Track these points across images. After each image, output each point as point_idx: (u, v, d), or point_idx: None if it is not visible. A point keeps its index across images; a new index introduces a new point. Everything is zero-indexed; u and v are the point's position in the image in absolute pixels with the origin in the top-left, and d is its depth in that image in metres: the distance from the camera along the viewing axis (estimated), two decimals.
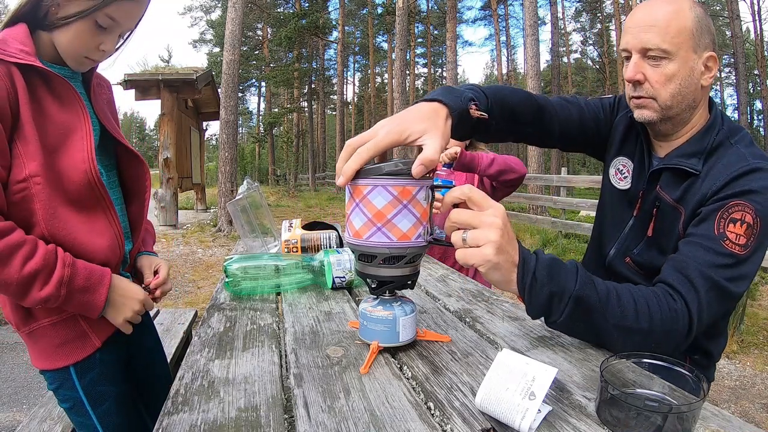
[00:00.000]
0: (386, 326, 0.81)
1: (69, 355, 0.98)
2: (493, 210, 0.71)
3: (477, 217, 0.71)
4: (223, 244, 7.36)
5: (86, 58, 0.98)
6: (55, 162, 0.93)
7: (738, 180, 0.91)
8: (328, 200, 15.94)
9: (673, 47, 0.94)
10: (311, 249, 1.52)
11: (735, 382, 2.78)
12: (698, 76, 0.98)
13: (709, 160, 0.98)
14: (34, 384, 2.72)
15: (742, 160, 0.93)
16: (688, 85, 0.97)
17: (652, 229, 1.04)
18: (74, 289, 0.89)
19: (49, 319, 0.96)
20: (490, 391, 0.61)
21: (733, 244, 0.86)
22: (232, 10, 8.69)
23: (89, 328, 0.99)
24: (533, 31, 10.12)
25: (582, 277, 0.77)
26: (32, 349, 0.99)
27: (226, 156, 8.59)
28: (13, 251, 0.82)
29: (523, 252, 0.74)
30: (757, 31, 21.41)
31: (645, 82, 0.98)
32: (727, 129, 1.01)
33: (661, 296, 0.83)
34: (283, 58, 26.51)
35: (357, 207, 0.78)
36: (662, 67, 0.96)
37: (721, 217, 0.88)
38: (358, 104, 40.50)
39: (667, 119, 1.01)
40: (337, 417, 0.62)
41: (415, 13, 22.85)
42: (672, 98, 0.97)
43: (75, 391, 0.99)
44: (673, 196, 1.00)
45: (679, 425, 0.56)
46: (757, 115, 28.84)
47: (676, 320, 0.82)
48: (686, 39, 0.94)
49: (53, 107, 0.95)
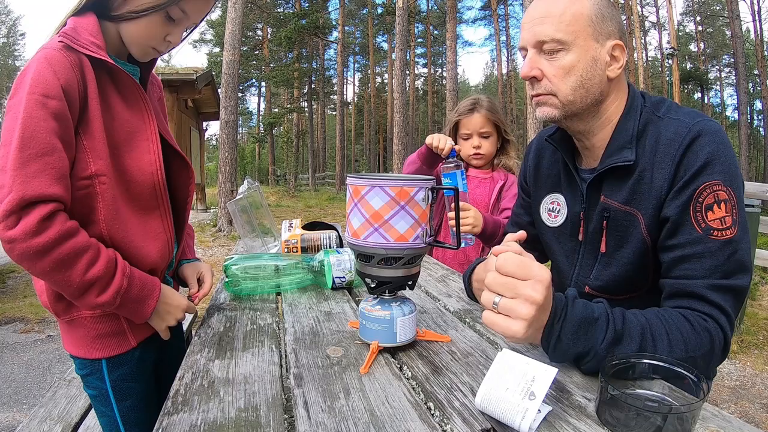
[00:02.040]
0: (384, 326, 0.81)
1: (104, 349, 0.99)
2: (533, 282, 0.66)
3: (515, 288, 0.66)
4: (223, 244, 7.35)
5: (153, 49, 0.98)
6: (120, 162, 0.93)
7: (686, 157, 0.83)
8: (328, 200, 15.94)
9: (568, 36, 0.86)
10: (311, 249, 1.52)
11: (735, 382, 2.78)
12: (603, 66, 0.89)
13: (641, 143, 0.90)
14: (34, 384, 2.72)
15: (680, 129, 0.85)
16: (590, 77, 0.88)
17: (605, 244, 0.94)
18: (128, 299, 0.90)
19: (91, 312, 0.97)
20: (490, 391, 0.61)
21: (722, 230, 0.81)
22: (232, 10, 8.69)
23: (129, 327, 1.00)
24: None
25: (610, 334, 0.72)
26: (68, 335, 1.00)
27: (226, 156, 8.59)
28: (78, 255, 0.82)
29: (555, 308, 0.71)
30: (757, 31, 21.43)
31: (543, 78, 0.90)
32: (650, 106, 0.93)
33: (692, 320, 0.79)
34: (283, 58, 26.51)
35: (355, 207, 0.78)
36: (559, 60, 0.88)
37: (695, 212, 0.82)
38: (358, 104, 40.49)
39: (572, 116, 0.93)
40: (337, 417, 0.62)
41: (415, 13, 22.85)
42: (573, 92, 0.89)
43: (103, 383, 1.00)
44: (619, 199, 0.91)
45: (679, 425, 0.56)
46: (757, 115, 28.84)
47: (712, 340, 0.78)
48: (583, 27, 0.87)
49: (119, 104, 0.95)
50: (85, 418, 1.48)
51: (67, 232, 0.81)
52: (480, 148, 1.75)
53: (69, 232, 0.81)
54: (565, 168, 1.05)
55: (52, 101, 0.82)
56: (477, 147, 1.75)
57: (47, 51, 0.85)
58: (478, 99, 1.78)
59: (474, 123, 1.73)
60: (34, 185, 0.78)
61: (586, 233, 0.99)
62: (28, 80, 0.82)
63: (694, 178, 0.82)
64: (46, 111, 0.81)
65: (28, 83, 0.81)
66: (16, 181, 0.77)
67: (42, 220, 0.78)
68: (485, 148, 1.76)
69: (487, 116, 1.73)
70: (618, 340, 0.73)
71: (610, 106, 0.94)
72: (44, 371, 2.88)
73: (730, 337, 0.81)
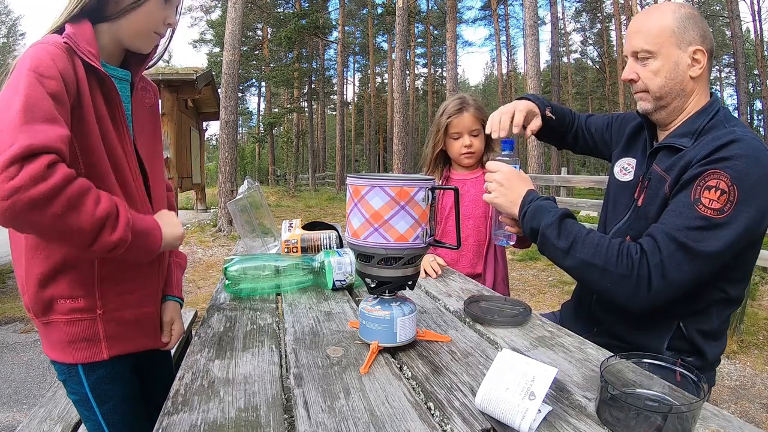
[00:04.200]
0: (384, 326, 0.81)
1: (78, 354, 0.98)
2: (499, 172, 1.13)
3: (490, 176, 1.14)
4: (223, 244, 7.35)
5: (155, 34, 1.02)
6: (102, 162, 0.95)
7: (719, 150, 0.97)
8: (328, 200, 15.94)
9: (654, 47, 1.08)
10: (311, 249, 1.52)
11: (735, 382, 2.78)
12: (685, 68, 1.08)
13: (700, 138, 1.06)
14: (34, 384, 2.72)
15: (729, 134, 1.00)
16: (674, 77, 1.08)
17: (642, 200, 1.13)
18: (137, 232, 0.88)
19: (65, 317, 0.96)
20: (490, 391, 0.61)
21: (706, 208, 0.93)
22: (232, 10, 8.69)
23: (104, 335, 0.99)
24: (533, 31, 10.12)
25: (554, 221, 1.03)
26: (46, 338, 1.00)
27: (226, 156, 8.59)
28: (84, 194, 0.80)
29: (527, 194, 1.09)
30: (757, 31, 21.42)
31: (639, 80, 1.12)
32: (723, 116, 1.09)
33: (625, 245, 0.98)
34: (283, 58, 26.50)
35: (356, 207, 0.78)
36: (649, 65, 1.10)
37: (697, 185, 0.96)
38: (358, 104, 40.48)
39: (661, 108, 1.13)
40: (337, 417, 0.62)
41: (415, 13, 22.84)
42: (660, 89, 1.10)
43: (82, 387, 1.00)
44: (662, 167, 1.10)
45: (679, 425, 0.56)
46: (757, 115, 28.84)
47: (633, 268, 0.95)
48: (667, 38, 1.07)
49: (102, 109, 0.96)
50: None
51: (71, 174, 0.79)
52: (471, 146, 1.74)
53: (72, 175, 0.79)
54: (643, 139, 1.25)
55: (51, 81, 0.82)
56: (468, 146, 1.73)
57: (46, 45, 0.85)
58: (463, 98, 1.78)
59: (464, 122, 1.73)
60: (40, 137, 0.76)
61: (638, 192, 1.18)
62: (27, 61, 0.82)
63: (712, 162, 0.96)
64: (46, 90, 0.81)
65: (28, 64, 0.82)
66: (21, 135, 0.75)
67: (47, 167, 0.75)
68: (476, 147, 1.75)
69: (476, 114, 1.74)
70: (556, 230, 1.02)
71: (691, 101, 1.12)
72: (44, 371, 2.88)
73: (654, 278, 0.94)
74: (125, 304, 1.02)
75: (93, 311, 0.97)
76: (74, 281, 0.95)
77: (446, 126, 1.77)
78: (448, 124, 1.77)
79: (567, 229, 1.03)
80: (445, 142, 1.79)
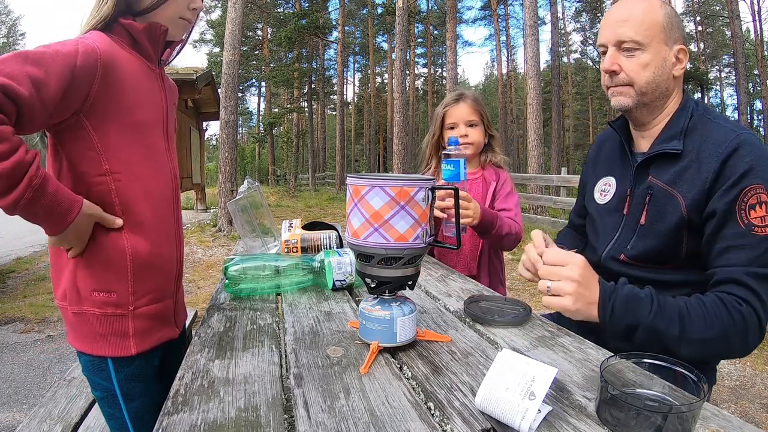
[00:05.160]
0: (384, 326, 0.81)
1: (108, 347, 0.99)
2: (570, 265, 0.87)
3: (557, 273, 0.87)
4: (223, 244, 7.35)
5: (183, 20, 1.05)
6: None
7: (732, 158, 0.95)
8: (328, 200, 15.93)
9: (645, 39, 1.03)
10: (311, 249, 1.51)
11: (735, 382, 2.77)
12: (670, 66, 1.06)
13: (691, 137, 1.04)
14: (34, 384, 2.72)
15: (728, 134, 0.98)
16: (661, 74, 1.05)
17: (645, 217, 1.08)
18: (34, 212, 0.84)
19: (99, 310, 0.97)
20: (490, 391, 0.61)
21: (762, 227, 0.92)
22: (232, 10, 8.68)
23: (133, 332, 1.00)
24: (533, 31, 10.11)
25: (655, 307, 0.89)
26: (74, 328, 1.00)
27: (226, 156, 8.58)
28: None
29: (603, 289, 0.89)
30: (757, 31, 21.41)
31: (621, 72, 1.07)
32: (702, 109, 1.09)
33: (726, 302, 0.91)
34: (283, 58, 26.48)
35: (355, 207, 0.78)
36: (636, 57, 1.05)
37: (740, 209, 0.94)
38: (358, 104, 40.48)
39: (642, 105, 1.09)
40: (337, 417, 0.62)
41: (415, 13, 22.82)
42: (647, 85, 1.06)
43: (110, 383, 1.00)
44: (664, 180, 1.05)
45: (679, 425, 0.56)
46: (757, 115, 28.83)
47: (746, 321, 0.90)
48: (658, 32, 1.04)
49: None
50: (85, 418, 1.48)
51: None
52: (467, 136, 1.72)
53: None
54: (621, 150, 1.21)
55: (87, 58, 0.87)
56: (464, 135, 1.72)
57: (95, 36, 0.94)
58: (462, 91, 1.79)
59: (460, 112, 1.72)
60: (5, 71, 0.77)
61: (631, 207, 1.14)
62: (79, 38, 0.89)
63: (740, 180, 0.94)
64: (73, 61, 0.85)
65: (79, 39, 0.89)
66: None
67: None
68: (473, 137, 1.73)
69: (473, 106, 1.72)
70: (661, 316, 0.88)
71: (671, 101, 1.10)
72: (44, 371, 2.88)
73: (764, 318, 0.91)
74: (151, 299, 1.04)
75: (125, 307, 0.99)
76: (110, 275, 0.97)
77: (443, 116, 1.77)
78: (444, 114, 1.76)
79: (666, 309, 0.89)
80: (442, 134, 1.78)
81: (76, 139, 0.92)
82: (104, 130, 0.94)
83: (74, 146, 0.93)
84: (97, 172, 0.94)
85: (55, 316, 3.90)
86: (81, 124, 0.91)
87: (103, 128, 0.94)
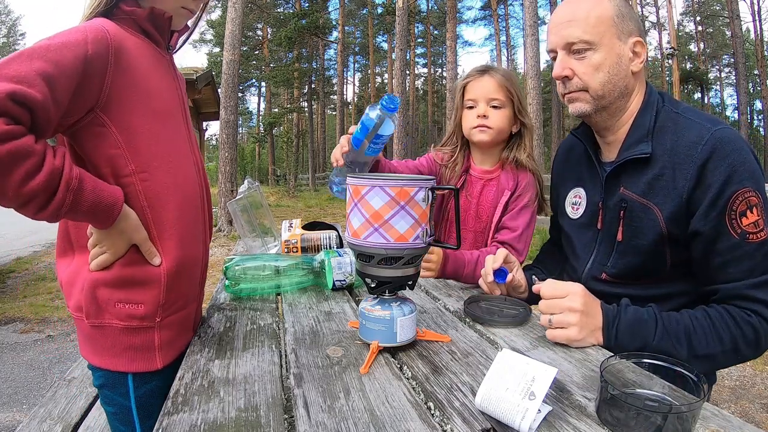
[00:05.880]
0: (384, 326, 0.81)
1: (131, 362, 0.90)
2: (570, 295, 0.86)
3: (558, 305, 0.86)
4: (223, 244, 7.35)
5: (185, 9, 0.98)
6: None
7: (710, 162, 0.88)
8: (328, 200, 15.92)
9: (595, 37, 0.95)
10: (311, 249, 1.52)
11: (735, 382, 2.77)
12: (627, 62, 0.98)
13: (659, 138, 0.96)
14: (34, 384, 2.72)
15: (702, 132, 0.91)
16: (617, 72, 0.97)
17: (621, 233, 1.01)
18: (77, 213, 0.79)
19: (122, 323, 0.88)
20: (490, 391, 0.61)
21: (755, 233, 0.88)
22: (232, 10, 8.69)
23: (159, 345, 0.91)
24: (533, 31, 10.12)
25: (660, 329, 0.87)
26: (91, 342, 0.91)
27: (226, 156, 8.59)
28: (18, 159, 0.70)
29: (606, 314, 0.87)
30: (757, 31, 21.44)
31: (574, 76, 0.99)
32: (668, 103, 1.00)
33: (735, 315, 0.89)
34: (283, 58, 26.50)
35: (356, 207, 0.78)
36: (588, 59, 0.97)
37: (730, 220, 0.88)
38: (358, 104, 40.48)
39: (602, 109, 1.01)
40: (337, 417, 0.62)
41: (415, 13, 22.83)
42: (602, 87, 0.98)
43: (126, 399, 0.91)
44: (637, 191, 0.98)
45: (679, 425, 0.56)
46: (757, 115, 28.84)
47: (756, 332, 0.88)
48: (607, 27, 0.96)
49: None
50: (85, 418, 1.48)
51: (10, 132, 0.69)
52: (487, 118, 1.36)
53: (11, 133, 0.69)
54: (588, 160, 1.13)
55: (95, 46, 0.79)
56: (483, 116, 1.36)
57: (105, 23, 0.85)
58: (491, 65, 1.44)
59: (483, 87, 1.37)
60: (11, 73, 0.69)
61: (604, 222, 1.06)
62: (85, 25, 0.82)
63: (724, 188, 0.88)
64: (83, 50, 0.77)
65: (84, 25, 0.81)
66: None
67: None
68: (493, 120, 1.36)
69: (501, 82, 1.36)
70: (667, 336, 0.86)
71: (633, 100, 1.02)
72: (44, 371, 2.88)
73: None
74: (178, 307, 0.94)
75: (152, 319, 0.89)
76: (138, 286, 0.88)
77: (462, 91, 1.43)
78: (464, 87, 1.42)
79: (672, 328, 0.88)
80: (461, 111, 1.43)
81: (95, 137, 0.84)
82: (125, 123, 0.85)
83: (95, 146, 0.85)
84: (122, 173, 0.85)
85: (55, 316, 3.90)
86: (99, 120, 0.83)
87: (123, 120, 0.85)
